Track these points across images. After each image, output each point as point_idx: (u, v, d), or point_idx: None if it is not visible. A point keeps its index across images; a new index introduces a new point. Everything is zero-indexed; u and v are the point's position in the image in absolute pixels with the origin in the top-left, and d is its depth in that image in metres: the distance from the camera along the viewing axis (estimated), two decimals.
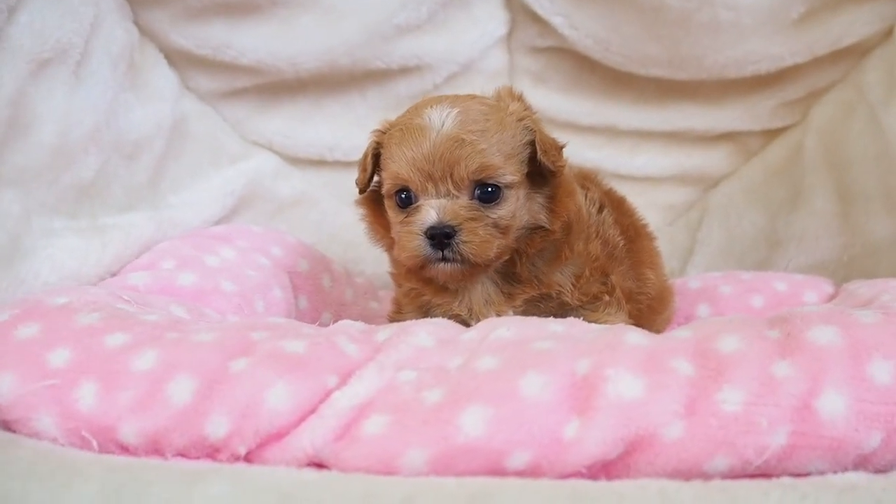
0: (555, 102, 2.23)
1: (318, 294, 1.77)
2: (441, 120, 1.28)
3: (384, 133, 1.38)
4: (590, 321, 1.37)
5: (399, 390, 0.99)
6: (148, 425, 0.96)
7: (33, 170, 1.41)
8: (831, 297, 1.79)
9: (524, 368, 0.97)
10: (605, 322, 1.40)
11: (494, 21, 2.16)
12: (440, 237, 1.26)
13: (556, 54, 2.22)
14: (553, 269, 1.39)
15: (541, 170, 1.35)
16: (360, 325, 1.19)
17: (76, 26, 1.49)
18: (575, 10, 2.08)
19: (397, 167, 1.30)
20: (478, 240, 1.27)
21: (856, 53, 2.03)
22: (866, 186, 1.97)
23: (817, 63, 2.04)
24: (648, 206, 1.91)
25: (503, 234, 1.30)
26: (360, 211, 1.49)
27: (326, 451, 0.95)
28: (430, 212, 1.27)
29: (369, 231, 1.49)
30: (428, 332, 1.11)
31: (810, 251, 2.03)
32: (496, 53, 2.21)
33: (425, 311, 1.46)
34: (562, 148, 1.38)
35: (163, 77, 1.81)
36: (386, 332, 1.14)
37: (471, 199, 1.29)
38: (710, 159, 2.24)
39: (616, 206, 1.58)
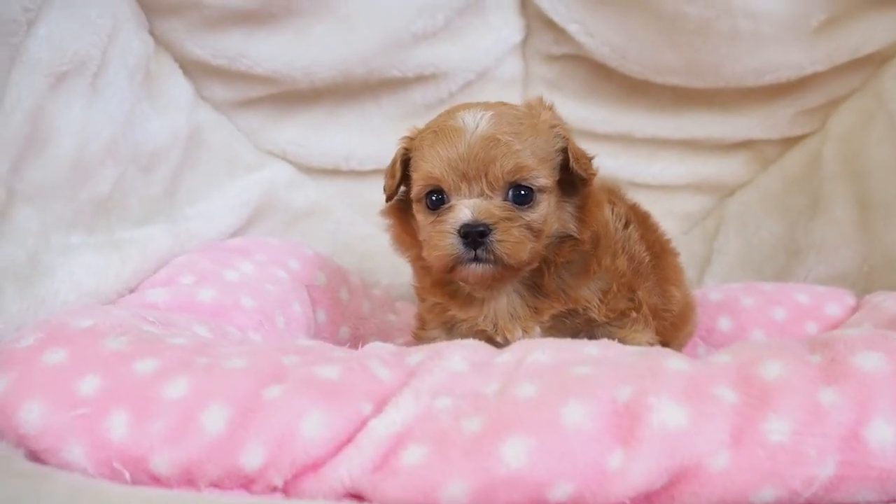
0: (570, 110, 2.19)
1: (336, 307, 1.75)
2: (475, 122, 1.27)
3: (413, 139, 1.38)
4: (617, 338, 1.37)
5: (437, 418, 0.97)
6: (181, 455, 0.94)
7: (51, 185, 1.38)
8: (854, 310, 1.78)
9: (565, 396, 0.95)
10: (633, 339, 1.39)
11: (509, 28, 2.14)
12: (474, 235, 1.24)
13: (572, 62, 2.20)
14: (580, 284, 1.38)
15: (571, 179, 1.34)
16: (389, 346, 1.17)
17: (94, 38, 1.47)
18: (591, 17, 2.06)
19: (430, 167, 1.28)
20: (512, 239, 1.25)
21: (875, 61, 2.01)
22: (886, 196, 1.95)
23: (836, 71, 2.02)
24: (664, 215, 1.89)
25: (536, 237, 1.29)
26: (387, 221, 1.47)
27: (364, 482, 0.93)
28: (465, 210, 1.25)
29: (396, 241, 1.47)
30: (462, 356, 1.09)
31: (830, 261, 2.01)
32: (511, 61, 2.19)
33: (450, 327, 1.45)
34: (591, 158, 1.37)
35: (178, 87, 1.79)
36: (417, 355, 1.11)
37: (504, 200, 1.28)
38: (726, 167, 2.22)
39: (641, 221, 1.57)
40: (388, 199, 1.43)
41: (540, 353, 1.07)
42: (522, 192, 1.28)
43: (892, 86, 1.96)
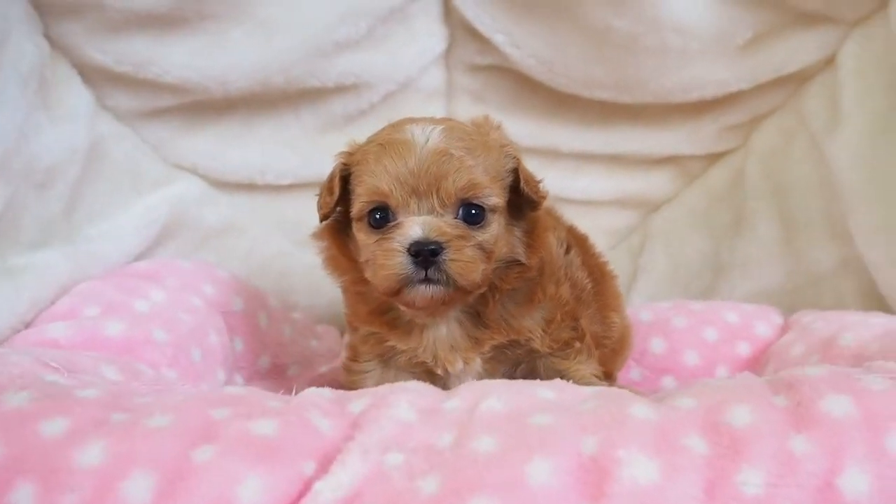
0: None
1: (255, 334, 1.64)
2: (426, 135, 1.21)
3: (352, 154, 1.30)
4: (560, 369, 1.32)
5: (388, 478, 0.88)
6: None
7: None
8: (782, 329, 1.77)
9: (529, 451, 0.88)
10: (577, 371, 1.34)
11: (433, 37, 2.06)
12: (426, 254, 1.16)
13: (496, 73, 2.13)
14: (524, 313, 1.32)
15: (517, 202, 1.29)
16: (327, 392, 1.07)
17: None
18: (517, 29, 2.00)
19: (377, 181, 1.20)
20: (465, 259, 1.18)
21: (797, 80, 2.02)
22: (809, 213, 1.97)
23: (760, 89, 2.02)
24: (590, 230, 1.83)
25: (487, 259, 1.23)
26: (321, 243, 1.39)
27: None
28: (415, 227, 1.18)
29: (330, 264, 1.38)
30: (408, 402, 1.00)
31: (755, 278, 2.01)
32: (434, 71, 2.11)
33: (386, 359, 1.36)
34: (540, 182, 1.31)
35: (77, 95, 1.64)
36: (359, 401, 1.02)
37: (455, 219, 1.21)
38: (651, 183, 2.20)
39: (580, 244, 1.52)
40: (323, 218, 1.33)
41: (493, 399, 1.00)
42: (473, 211, 1.22)
43: (813, 105, 1.97)
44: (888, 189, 1.74)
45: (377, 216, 1.23)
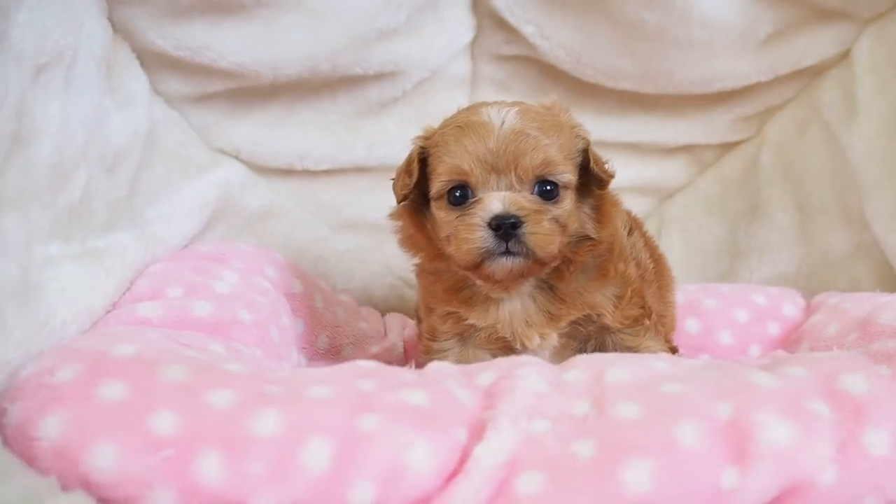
0: None
1: (313, 316, 1.67)
2: (502, 117, 1.27)
3: (428, 138, 1.36)
4: (630, 346, 1.39)
5: (541, 443, 0.93)
6: (284, 497, 0.86)
7: (32, 190, 1.23)
8: (806, 310, 1.87)
9: (673, 416, 0.94)
10: (647, 348, 1.40)
11: (462, 26, 2.09)
12: (506, 227, 1.22)
13: (521, 63, 2.18)
14: (596, 288, 1.38)
15: (585, 182, 1.35)
16: (448, 365, 1.12)
17: (70, 25, 1.32)
18: (547, 20, 2.05)
19: (457, 160, 1.26)
20: (544, 232, 1.24)
21: (811, 73, 2.11)
22: (823, 201, 2.07)
23: (775, 81, 2.11)
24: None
25: (562, 232, 1.29)
26: (398, 223, 1.43)
27: None
28: (495, 202, 1.24)
29: (407, 242, 1.43)
30: (536, 374, 1.05)
31: (772, 262, 2.11)
32: (461, 60, 2.15)
33: (464, 338, 1.41)
34: (606, 162, 1.38)
35: (137, 80, 1.64)
36: (485, 374, 1.07)
37: (532, 194, 1.27)
38: (666, 170, 2.28)
39: (638, 227, 1.58)
40: (402, 199, 1.39)
41: (617, 370, 1.05)
42: (548, 188, 1.28)
43: (828, 97, 2.07)
44: None
45: (457, 194, 1.28)
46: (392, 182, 1.42)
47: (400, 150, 2.04)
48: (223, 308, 1.36)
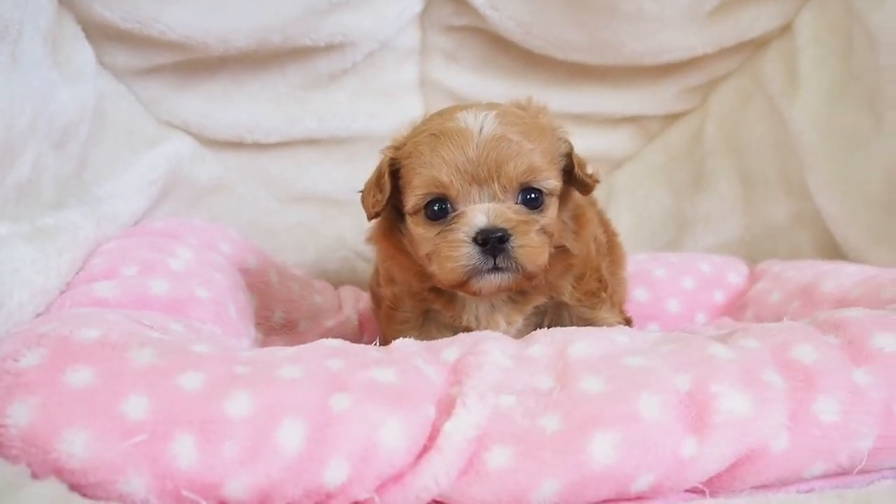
0: (466, 82, 2.22)
1: (268, 291, 1.66)
2: (479, 122, 1.19)
3: (399, 148, 1.27)
4: (587, 318, 1.41)
5: (510, 418, 0.96)
6: (259, 478, 0.86)
7: None
8: (750, 277, 1.92)
9: (637, 389, 0.97)
10: (603, 319, 1.42)
11: None
12: (493, 242, 1.15)
13: (470, 33, 2.19)
14: (560, 275, 1.36)
15: (566, 188, 1.31)
16: (413, 342, 1.13)
17: None
18: None
19: (434, 172, 1.18)
20: (533, 244, 1.18)
21: (754, 45, 2.17)
22: (765, 171, 2.13)
23: (719, 53, 2.16)
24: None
25: (550, 242, 1.24)
26: (377, 246, 1.37)
27: (450, 489, 0.91)
28: (479, 215, 1.17)
29: (392, 267, 1.36)
30: (500, 350, 1.07)
31: (717, 231, 2.17)
32: (410, 31, 2.15)
33: (427, 315, 1.40)
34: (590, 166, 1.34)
35: (83, 53, 1.59)
36: (450, 350, 1.09)
37: (517, 204, 1.21)
38: (614, 141, 2.32)
39: (592, 205, 1.60)
40: (373, 216, 1.30)
41: (580, 344, 1.08)
42: (533, 195, 1.22)
43: (770, 69, 2.13)
44: (844, 149, 1.91)
45: (435, 208, 1.21)
46: (360, 196, 1.33)
47: (350, 122, 2.05)
48: (180, 286, 1.35)
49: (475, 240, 1.16)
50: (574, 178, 1.29)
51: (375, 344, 1.14)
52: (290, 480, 0.87)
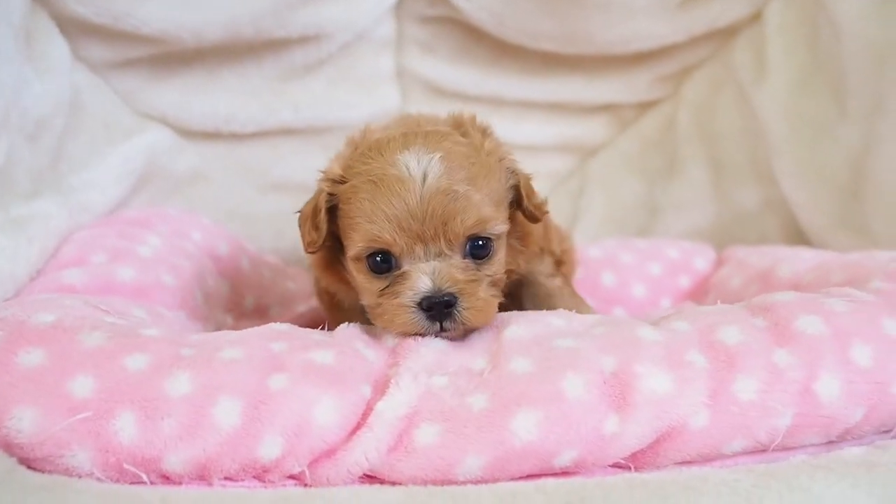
0: (442, 72, 2.25)
1: (239, 277, 1.72)
2: (422, 168, 1.11)
3: (338, 183, 1.19)
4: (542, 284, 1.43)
5: (440, 397, 1.01)
6: (196, 452, 0.92)
7: None
8: (716, 263, 1.97)
9: (562, 370, 1.02)
10: (546, 286, 1.43)
11: None
12: (439, 308, 1.10)
13: (445, 24, 2.22)
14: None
15: (512, 213, 1.26)
16: (357, 327, 1.18)
17: None
18: None
19: (375, 229, 1.11)
20: (480, 305, 1.13)
21: (725, 34, 2.20)
22: (735, 159, 2.17)
23: (691, 42, 2.19)
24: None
25: (497, 286, 1.20)
26: (321, 275, 1.34)
27: (380, 464, 0.96)
28: (424, 279, 1.11)
29: (336, 290, 1.34)
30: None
31: (688, 218, 2.21)
32: (385, 22, 2.18)
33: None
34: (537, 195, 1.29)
35: (57, 47, 1.64)
36: (391, 335, 1.14)
37: (464, 258, 1.15)
38: (588, 129, 2.36)
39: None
40: (310, 253, 1.25)
41: (515, 327, 1.13)
42: (480, 243, 1.16)
43: (740, 57, 2.16)
44: (811, 136, 1.95)
45: (378, 259, 1.15)
46: (298, 223, 1.28)
47: (327, 111, 2.10)
48: (146, 272, 1.40)
49: (420, 305, 1.11)
50: (523, 209, 1.25)
51: (324, 328, 1.18)
52: (227, 455, 0.92)
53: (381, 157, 1.15)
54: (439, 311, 1.10)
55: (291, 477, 0.96)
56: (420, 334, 1.12)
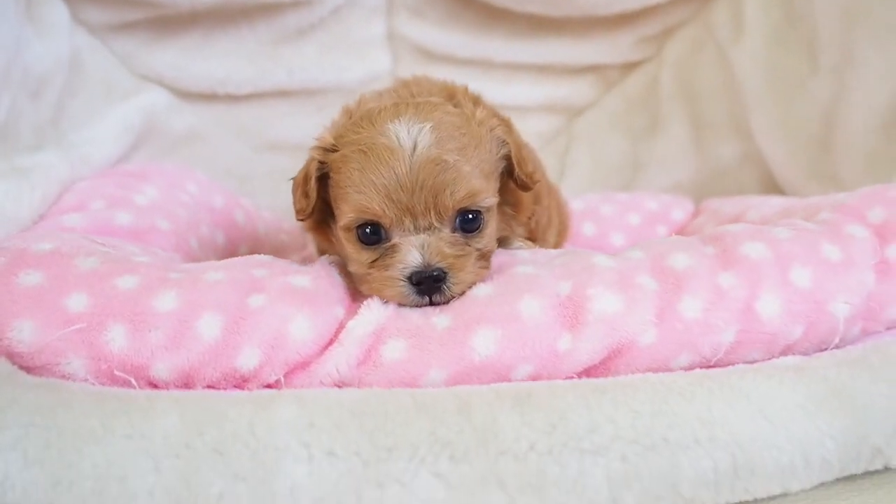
0: (432, 36, 2.33)
1: (234, 229, 1.80)
2: (413, 138, 1.11)
3: (328, 151, 1.19)
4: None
5: (406, 317, 1.09)
6: (181, 361, 1.01)
7: None
8: (694, 214, 2.04)
9: (519, 293, 1.10)
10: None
11: None
12: (429, 282, 1.11)
13: None
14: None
15: (504, 181, 1.27)
16: (335, 258, 1.26)
17: None
18: None
19: (365, 200, 1.12)
20: (469, 278, 1.13)
21: None
22: (715, 115, 2.24)
23: (673, 3, 2.26)
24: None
25: (486, 259, 1.19)
26: (313, 236, 1.39)
27: (350, 376, 1.04)
28: (413, 253, 1.12)
29: (329, 251, 1.35)
30: None
31: (669, 173, 2.28)
32: None
33: None
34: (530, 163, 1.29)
35: (56, 10, 1.73)
36: None
37: (453, 231, 1.15)
38: (575, 90, 2.43)
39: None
40: (301, 220, 1.27)
41: None
42: (471, 216, 1.16)
43: (719, 16, 2.23)
44: (785, 92, 2.02)
45: (368, 230, 1.15)
46: (291, 188, 1.29)
47: (319, 74, 2.18)
48: (142, 217, 1.49)
49: (410, 279, 1.11)
50: (514, 177, 1.25)
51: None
52: (209, 364, 1.01)
53: (371, 127, 1.15)
54: (429, 286, 1.11)
55: (268, 386, 1.04)
56: (410, 305, 1.13)
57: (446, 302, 1.12)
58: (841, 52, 1.88)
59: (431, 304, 1.12)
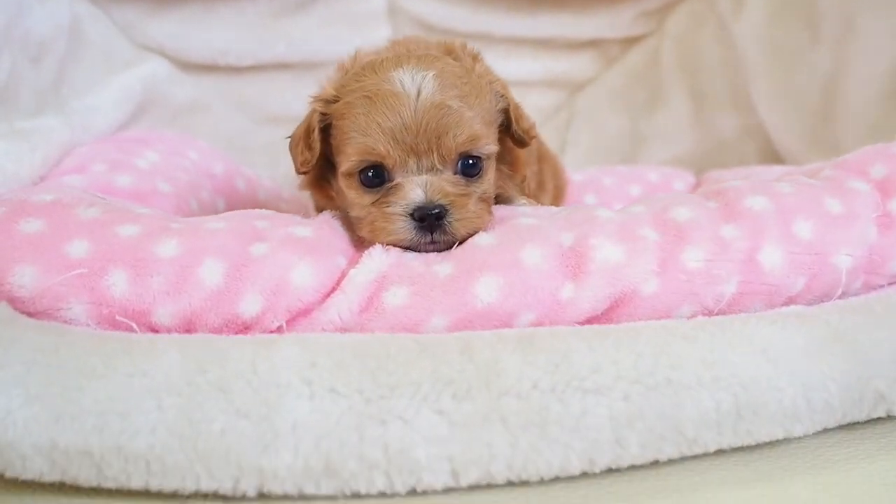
0: (433, 9, 2.33)
1: (235, 196, 1.80)
2: (416, 84, 1.14)
3: (331, 102, 1.21)
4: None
5: (409, 265, 1.09)
6: (183, 307, 1.00)
7: None
8: (696, 185, 2.04)
9: (521, 242, 1.10)
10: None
11: None
12: (431, 218, 1.12)
13: None
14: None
15: (502, 138, 1.28)
16: (337, 214, 1.26)
17: None
18: None
19: (370, 141, 1.13)
20: (470, 216, 1.15)
21: None
22: (715, 88, 2.24)
23: None
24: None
25: (487, 205, 1.21)
26: (311, 194, 1.39)
27: (352, 323, 1.04)
28: (416, 190, 1.13)
29: (327, 207, 1.31)
30: None
31: (670, 147, 2.28)
32: None
33: None
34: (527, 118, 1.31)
35: None
36: None
37: (455, 174, 1.17)
38: (575, 65, 2.43)
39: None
40: (302, 174, 1.27)
41: None
42: (471, 162, 1.18)
43: None
44: (785, 63, 2.02)
45: (370, 174, 1.17)
46: (288, 144, 1.29)
47: (320, 47, 2.17)
48: (143, 180, 1.49)
49: (412, 215, 1.13)
50: (511, 133, 1.27)
51: None
52: (210, 309, 1.01)
53: (375, 75, 1.17)
54: (430, 223, 1.12)
55: (271, 332, 1.04)
56: (409, 247, 1.14)
57: (448, 242, 1.14)
58: (841, 23, 1.88)
59: (433, 242, 1.13)
